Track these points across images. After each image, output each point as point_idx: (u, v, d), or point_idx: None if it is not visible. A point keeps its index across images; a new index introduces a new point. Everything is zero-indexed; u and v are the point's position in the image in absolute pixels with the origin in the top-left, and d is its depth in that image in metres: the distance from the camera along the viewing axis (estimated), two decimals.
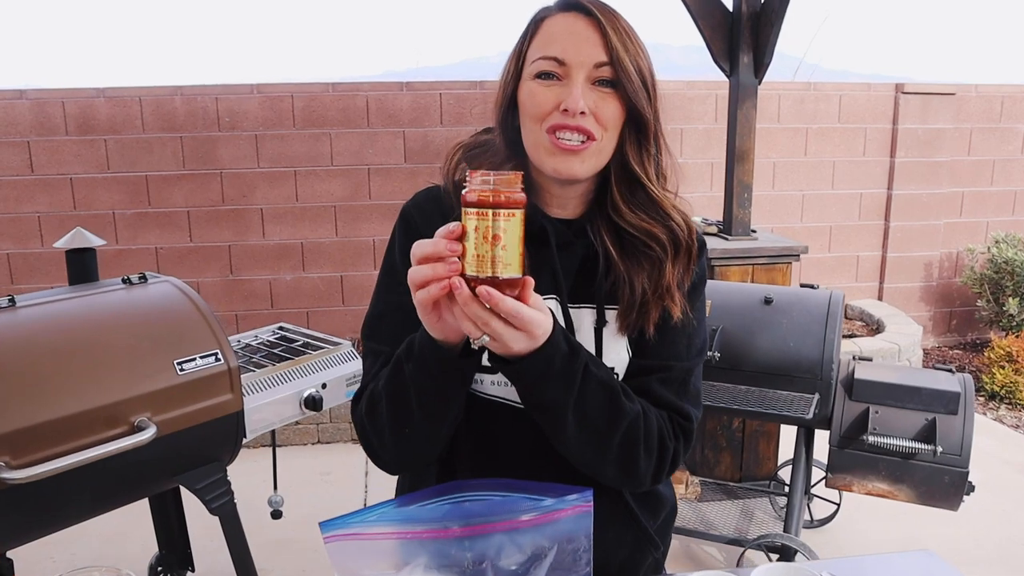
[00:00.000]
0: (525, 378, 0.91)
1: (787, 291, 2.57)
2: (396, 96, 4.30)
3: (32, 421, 1.67)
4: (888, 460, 2.30)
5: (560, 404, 0.93)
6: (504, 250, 0.81)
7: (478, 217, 0.81)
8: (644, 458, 1.00)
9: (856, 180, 4.93)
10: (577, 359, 0.93)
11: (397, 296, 1.06)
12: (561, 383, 0.92)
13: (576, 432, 0.96)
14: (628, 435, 0.98)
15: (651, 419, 1.02)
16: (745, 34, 2.94)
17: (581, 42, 0.98)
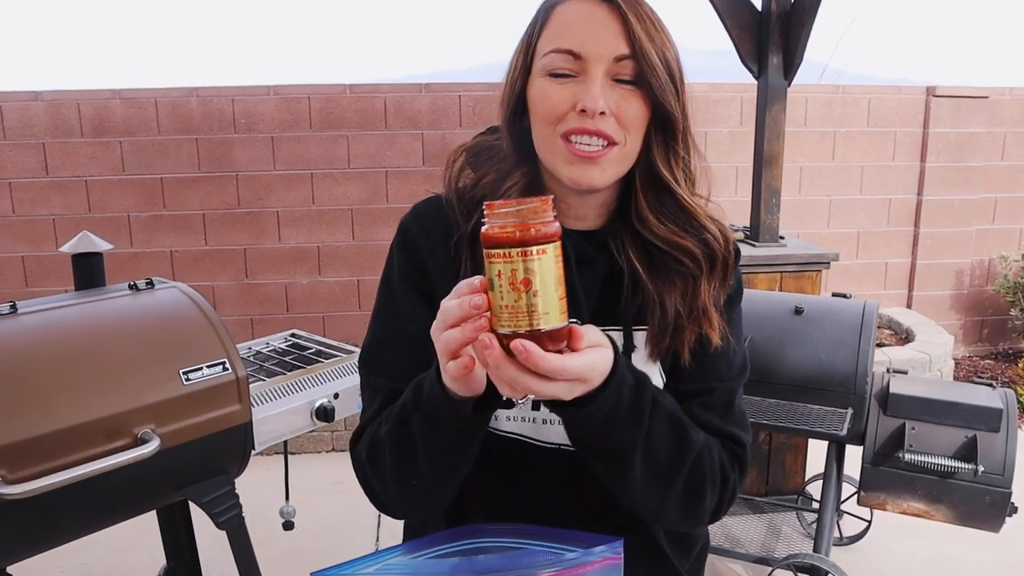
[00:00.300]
0: (587, 424, 0.79)
1: (818, 300, 2.46)
2: (414, 98, 4.23)
3: (30, 433, 1.61)
4: (925, 479, 2.19)
5: (628, 447, 0.82)
6: (538, 296, 0.68)
7: (503, 260, 0.68)
8: (710, 495, 0.90)
9: (885, 185, 4.80)
10: (644, 392, 0.81)
11: (396, 323, 0.98)
12: (629, 423, 0.80)
13: (643, 474, 0.84)
14: (695, 470, 0.88)
15: (713, 449, 0.92)
16: (775, 34, 2.84)
17: (600, 32, 0.85)
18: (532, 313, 0.68)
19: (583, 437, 0.82)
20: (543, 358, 0.69)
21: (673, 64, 0.89)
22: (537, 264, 0.68)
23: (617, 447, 0.81)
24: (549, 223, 0.69)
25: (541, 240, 0.68)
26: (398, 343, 0.96)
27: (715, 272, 0.94)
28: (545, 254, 0.68)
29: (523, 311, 0.68)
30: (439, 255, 0.96)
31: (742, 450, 0.96)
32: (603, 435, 0.80)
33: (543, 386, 0.71)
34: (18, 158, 4.00)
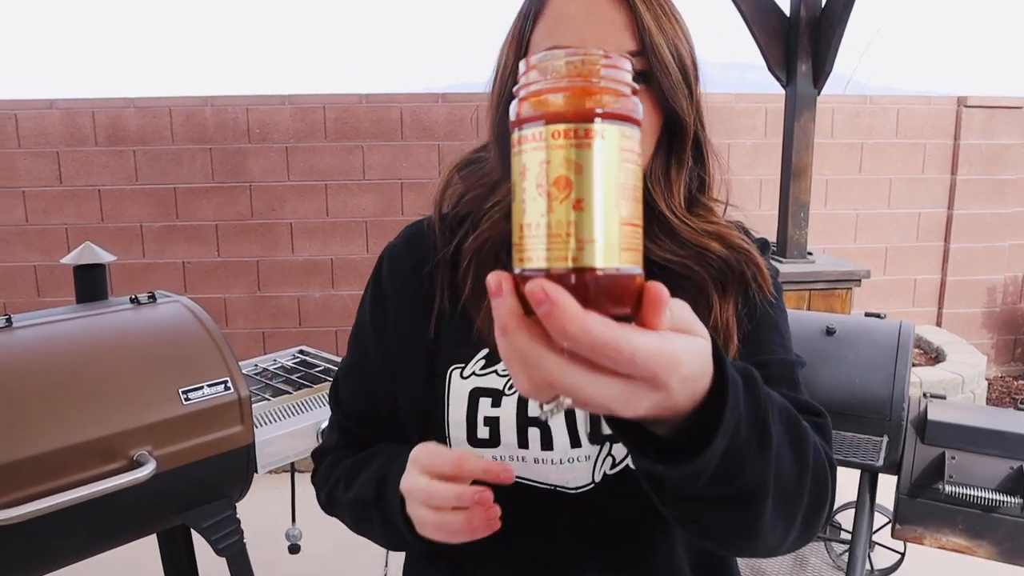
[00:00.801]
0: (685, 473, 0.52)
1: (851, 320, 2.34)
2: (431, 108, 4.16)
3: (20, 454, 1.53)
4: (966, 512, 2.06)
5: (756, 483, 0.56)
6: (585, 210, 0.42)
7: (531, 144, 0.43)
8: (831, 495, 0.69)
9: (914, 199, 4.66)
10: (759, 394, 0.56)
11: (355, 359, 0.92)
12: (756, 449, 0.55)
13: (772, 510, 0.60)
14: (817, 476, 0.65)
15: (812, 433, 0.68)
16: (803, 41, 2.74)
17: (603, 25, 0.74)
18: (570, 238, 0.42)
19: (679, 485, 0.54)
20: (580, 317, 0.41)
21: (687, 59, 0.77)
22: (588, 155, 0.42)
23: (741, 488, 0.56)
24: (620, 92, 0.44)
25: (600, 114, 0.42)
26: (355, 379, 0.93)
27: (729, 291, 0.82)
28: (604, 140, 0.42)
29: (557, 234, 0.42)
30: (407, 289, 0.89)
31: (825, 421, 0.78)
32: (720, 481, 0.54)
33: (579, 379, 0.43)
34: (32, 166, 3.96)
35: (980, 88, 51.49)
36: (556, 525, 0.83)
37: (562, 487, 0.82)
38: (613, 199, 0.42)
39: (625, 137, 0.43)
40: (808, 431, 0.66)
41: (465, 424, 0.81)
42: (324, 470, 0.94)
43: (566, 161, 0.42)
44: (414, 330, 0.86)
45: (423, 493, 0.70)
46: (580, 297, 0.41)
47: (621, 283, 0.43)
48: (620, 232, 0.43)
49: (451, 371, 0.83)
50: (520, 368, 0.44)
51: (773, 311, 0.85)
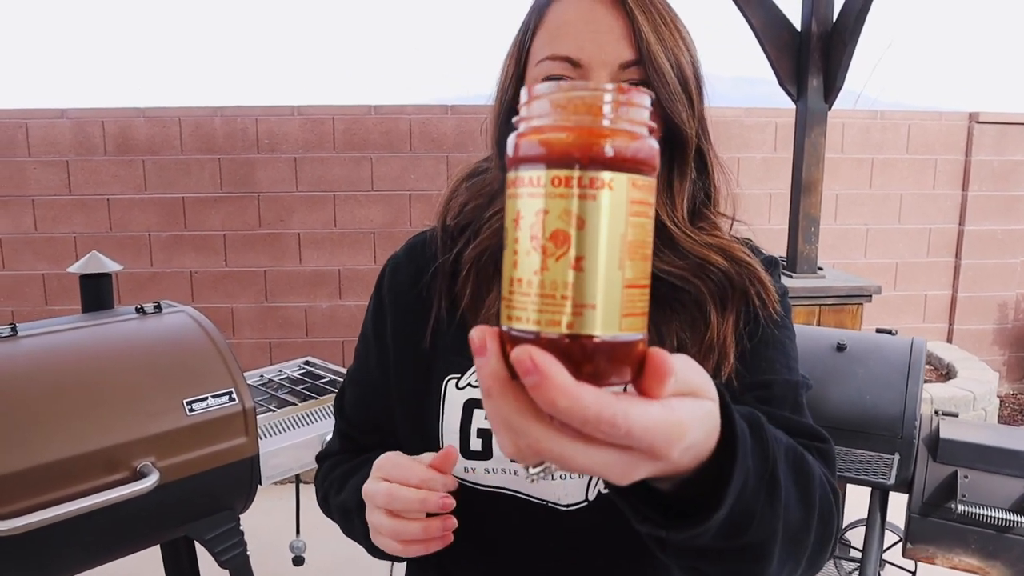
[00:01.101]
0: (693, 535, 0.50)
1: (862, 337, 2.31)
2: (440, 120, 4.16)
3: (22, 465, 1.53)
4: (980, 532, 2.02)
5: (764, 536, 0.54)
6: (585, 270, 0.38)
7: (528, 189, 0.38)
8: (836, 528, 0.67)
9: (925, 214, 4.63)
10: (767, 444, 0.54)
11: (358, 368, 0.94)
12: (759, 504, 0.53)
13: (779, 557, 0.58)
14: (823, 511, 0.64)
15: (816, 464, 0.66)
16: (815, 55, 2.72)
17: (602, 34, 0.73)
18: (566, 302, 0.38)
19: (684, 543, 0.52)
20: (571, 391, 0.37)
21: (687, 69, 0.76)
22: (593, 208, 0.37)
23: (748, 542, 0.54)
24: (634, 135, 0.38)
25: (610, 161, 0.37)
26: (357, 388, 0.94)
27: (730, 306, 0.79)
28: (613, 192, 0.37)
29: (551, 295, 0.38)
30: (406, 299, 0.88)
31: (829, 447, 0.75)
32: (726, 536, 0.52)
33: (569, 449, 0.40)
34: (42, 175, 3.97)
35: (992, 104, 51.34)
36: (547, 542, 0.81)
37: (554, 503, 0.80)
38: (617, 259, 0.38)
39: (636, 187, 0.38)
40: (813, 468, 0.64)
41: (459, 435, 0.81)
42: (323, 473, 0.96)
43: (567, 213, 0.37)
44: (411, 340, 0.86)
45: (383, 496, 0.70)
46: (573, 366, 0.38)
47: (621, 351, 0.39)
48: (623, 296, 0.38)
49: (447, 381, 0.82)
50: (505, 433, 0.41)
51: (778, 330, 0.83)
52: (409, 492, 0.69)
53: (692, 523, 0.48)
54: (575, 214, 0.37)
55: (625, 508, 0.50)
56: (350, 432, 0.96)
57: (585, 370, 0.38)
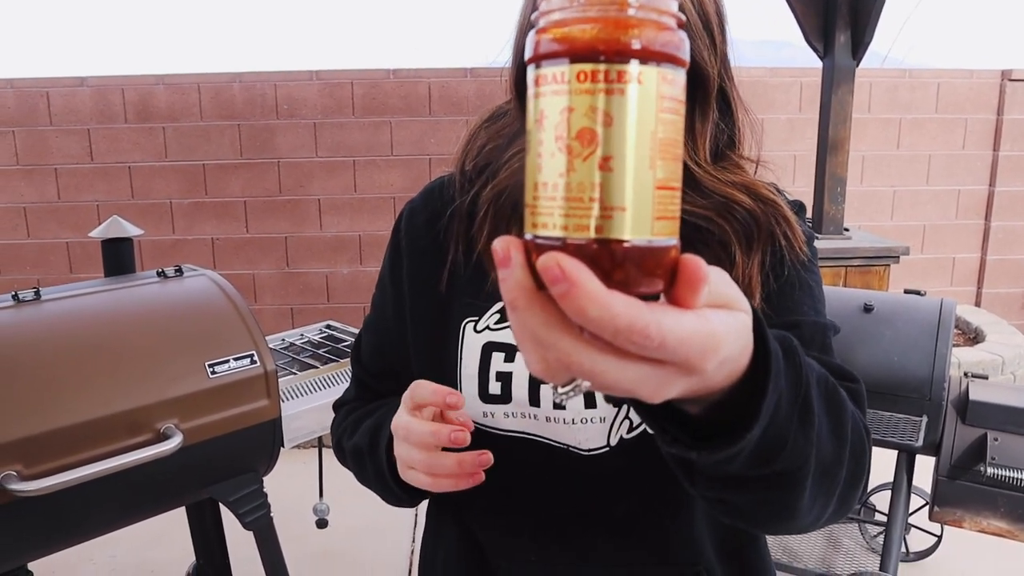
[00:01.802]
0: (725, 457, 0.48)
1: (889, 297, 2.27)
2: (459, 83, 4.11)
3: (47, 427, 1.54)
4: (1009, 495, 2.00)
5: (796, 464, 0.53)
6: (613, 170, 0.36)
7: (552, 87, 0.37)
8: (867, 468, 0.65)
9: (954, 176, 4.53)
10: (800, 367, 0.52)
11: (375, 315, 0.94)
12: (792, 429, 0.51)
13: (810, 488, 0.57)
14: (855, 446, 0.62)
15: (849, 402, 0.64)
16: (843, 10, 2.64)
17: None
18: (595, 204, 0.36)
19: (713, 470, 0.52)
20: (602, 299, 0.35)
21: (709, 7, 0.73)
22: (621, 103, 0.35)
23: (780, 469, 0.52)
24: (663, 25, 0.36)
25: (637, 52, 0.35)
26: (373, 334, 0.94)
27: (755, 246, 0.76)
28: (642, 85, 0.36)
29: (578, 197, 0.36)
30: (421, 243, 0.87)
31: (860, 387, 0.71)
32: (758, 462, 0.50)
33: (600, 363, 0.38)
34: (64, 144, 3.99)
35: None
36: (566, 487, 0.80)
37: (575, 448, 0.79)
38: (648, 158, 0.36)
39: (667, 82, 0.36)
40: (846, 401, 0.62)
41: (477, 379, 0.80)
42: (338, 420, 0.97)
43: (593, 110, 0.35)
44: (427, 284, 0.85)
45: (404, 429, 0.70)
46: (603, 272, 0.36)
47: (653, 257, 0.37)
48: (654, 197, 0.36)
49: (465, 324, 0.81)
50: (532, 348, 0.39)
51: (805, 272, 0.80)
52: (420, 425, 0.70)
53: (724, 444, 0.47)
54: (602, 110, 0.35)
55: (655, 429, 0.48)
56: (366, 379, 0.96)
57: (615, 277, 0.36)
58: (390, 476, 0.78)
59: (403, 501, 0.83)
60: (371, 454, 0.82)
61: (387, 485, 0.80)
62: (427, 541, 0.96)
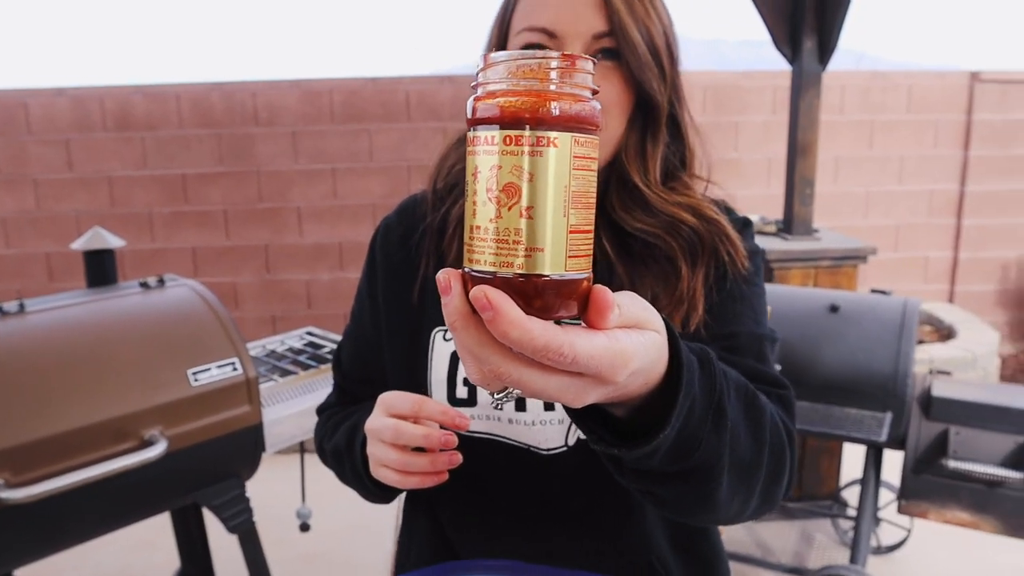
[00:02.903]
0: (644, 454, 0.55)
1: (855, 297, 2.34)
2: (437, 90, 4.15)
3: (34, 436, 1.58)
4: (971, 488, 2.07)
5: (711, 462, 0.59)
6: (534, 218, 0.43)
7: (483, 147, 0.44)
8: (787, 464, 0.73)
9: (926, 175, 4.62)
10: (715, 376, 0.59)
11: (353, 325, 1.00)
12: (711, 429, 0.58)
13: (728, 484, 0.63)
14: (775, 448, 0.69)
15: (772, 407, 0.72)
16: (809, 16, 2.71)
17: (576, 6, 0.78)
18: (518, 246, 0.43)
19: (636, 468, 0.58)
20: (521, 323, 0.42)
21: (658, 39, 0.80)
22: (541, 163, 0.42)
23: (696, 465, 0.59)
24: (578, 97, 0.43)
25: (555, 121, 0.42)
26: (352, 343, 1.00)
27: (700, 262, 0.84)
28: (558, 148, 0.43)
29: (504, 240, 0.43)
30: (395, 259, 0.94)
31: (788, 393, 0.81)
32: (675, 458, 0.57)
33: (525, 375, 0.45)
34: (43, 153, 3.99)
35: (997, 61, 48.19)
36: (529, 484, 0.86)
37: (535, 447, 0.84)
38: (563, 207, 0.43)
39: (579, 144, 0.44)
40: (766, 406, 0.69)
41: (446, 383, 0.86)
42: (320, 423, 1.01)
43: (518, 168, 0.43)
44: (400, 297, 0.91)
45: (391, 431, 0.74)
46: (526, 301, 0.43)
47: (567, 288, 0.45)
48: (568, 240, 0.44)
49: (435, 333, 0.87)
50: (470, 361, 0.46)
51: (746, 286, 0.87)
52: (414, 429, 0.74)
53: (642, 443, 0.53)
54: (526, 169, 0.43)
55: (583, 430, 0.56)
56: (346, 385, 1.01)
57: (535, 305, 0.44)
58: (364, 474, 0.83)
59: (378, 497, 0.89)
60: (348, 453, 0.87)
61: (363, 482, 0.85)
62: (402, 537, 1.01)
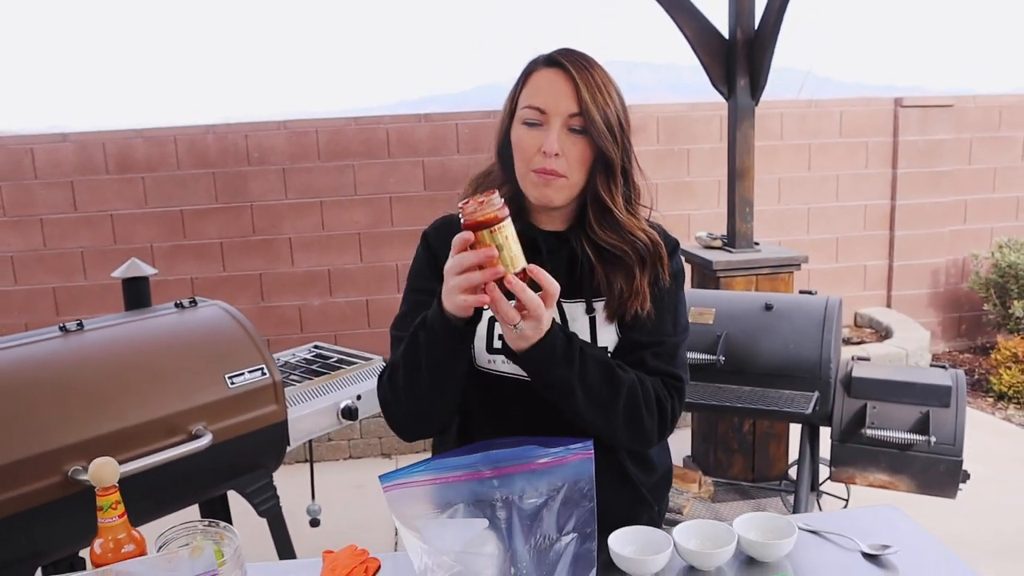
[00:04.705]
0: (535, 364, 1.12)
1: (787, 298, 2.74)
2: (415, 127, 4.53)
3: (101, 431, 1.86)
4: (887, 452, 2.45)
5: (566, 381, 1.14)
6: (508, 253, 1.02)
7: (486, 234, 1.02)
8: (647, 417, 1.21)
9: (860, 192, 5.09)
10: (573, 343, 1.14)
11: (416, 296, 1.31)
12: (564, 363, 1.13)
13: (585, 404, 1.16)
14: (630, 400, 1.19)
15: (647, 384, 1.23)
16: (741, 59, 3.14)
17: (559, 95, 1.18)
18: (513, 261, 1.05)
19: (533, 376, 1.15)
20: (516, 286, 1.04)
21: (613, 119, 1.21)
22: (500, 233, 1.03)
23: (558, 382, 1.14)
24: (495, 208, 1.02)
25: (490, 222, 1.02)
26: (419, 311, 1.27)
27: (647, 267, 1.27)
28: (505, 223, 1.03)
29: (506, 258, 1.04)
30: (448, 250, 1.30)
31: (680, 384, 1.28)
32: (546, 374, 1.14)
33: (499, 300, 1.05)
34: (49, 195, 4.29)
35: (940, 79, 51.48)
36: (539, 406, 1.23)
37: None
38: (513, 245, 1.03)
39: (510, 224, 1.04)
40: (623, 376, 1.20)
41: (485, 337, 1.25)
42: (385, 371, 1.28)
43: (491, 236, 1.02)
44: None
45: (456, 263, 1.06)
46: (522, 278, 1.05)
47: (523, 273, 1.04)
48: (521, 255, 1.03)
49: None
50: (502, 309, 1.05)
51: (669, 296, 1.30)
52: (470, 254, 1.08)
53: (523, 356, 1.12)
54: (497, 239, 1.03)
55: (513, 359, 1.15)
56: None
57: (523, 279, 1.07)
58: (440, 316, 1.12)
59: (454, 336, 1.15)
60: (422, 325, 1.16)
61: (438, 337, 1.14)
62: (436, 447, 1.36)
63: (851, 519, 1.30)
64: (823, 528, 1.26)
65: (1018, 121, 5.16)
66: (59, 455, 1.79)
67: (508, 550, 0.92)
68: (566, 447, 0.95)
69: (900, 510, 1.30)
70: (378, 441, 4.00)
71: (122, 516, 1.06)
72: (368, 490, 3.61)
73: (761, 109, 3.42)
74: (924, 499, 2.46)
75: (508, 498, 0.92)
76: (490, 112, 4.61)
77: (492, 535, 0.92)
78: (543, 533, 0.92)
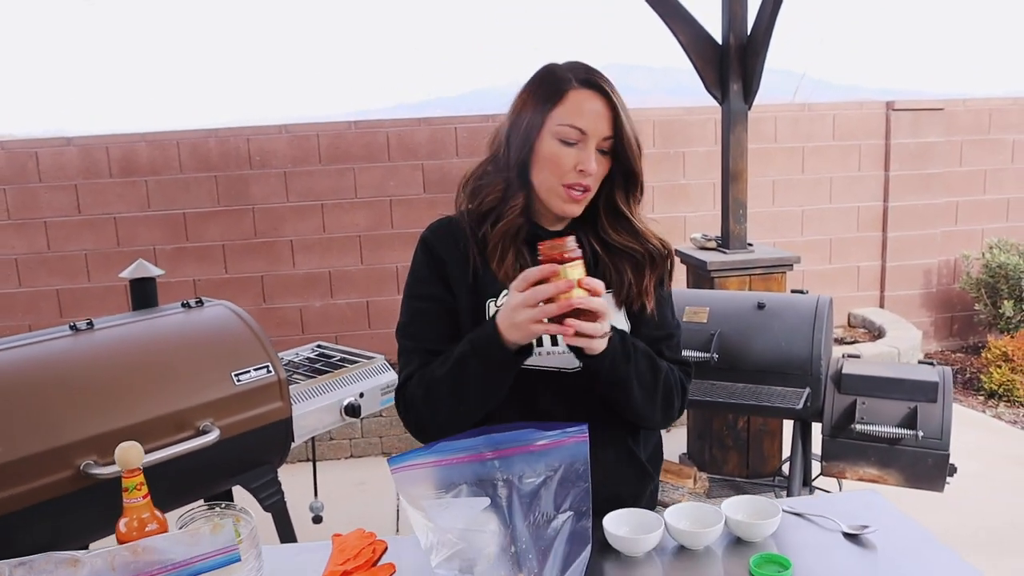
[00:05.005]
0: (606, 365, 1.22)
1: (779, 297, 2.80)
2: (414, 131, 4.60)
3: (112, 426, 1.92)
4: (876, 447, 2.52)
5: (628, 376, 1.25)
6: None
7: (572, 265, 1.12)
8: (676, 399, 1.36)
9: (853, 194, 5.16)
10: (626, 339, 1.26)
11: (427, 303, 1.36)
12: (625, 361, 1.24)
13: (639, 393, 1.28)
14: (666, 385, 1.32)
15: (674, 370, 1.37)
16: (734, 65, 3.21)
17: (599, 119, 1.27)
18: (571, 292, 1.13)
19: (602, 376, 1.24)
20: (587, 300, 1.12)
21: (634, 136, 1.32)
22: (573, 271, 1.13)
23: (622, 379, 1.25)
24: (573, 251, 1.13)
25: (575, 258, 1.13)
26: (430, 317, 1.34)
27: (656, 267, 1.37)
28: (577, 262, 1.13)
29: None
30: (454, 256, 1.35)
31: (690, 369, 1.43)
32: (614, 372, 1.24)
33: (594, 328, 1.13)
34: (53, 198, 4.35)
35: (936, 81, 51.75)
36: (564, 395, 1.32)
37: (564, 368, 1.32)
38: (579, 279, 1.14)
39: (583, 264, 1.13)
40: (661, 364, 1.32)
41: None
42: (416, 379, 1.31)
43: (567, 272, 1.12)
44: (461, 280, 1.33)
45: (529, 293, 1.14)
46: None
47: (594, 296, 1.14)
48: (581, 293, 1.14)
49: (488, 302, 1.32)
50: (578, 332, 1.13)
51: (669, 296, 1.43)
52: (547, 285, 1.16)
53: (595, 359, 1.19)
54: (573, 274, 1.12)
55: (577, 356, 1.22)
56: (426, 347, 1.33)
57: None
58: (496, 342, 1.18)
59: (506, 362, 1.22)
60: (474, 350, 1.22)
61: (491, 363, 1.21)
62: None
63: (833, 502, 1.36)
64: (806, 510, 1.32)
65: (1007, 124, 5.24)
66: (71, 450, 1.84)
67: (508, 528, 0.98)
68: (563, 430, 1.01)
69: (879, 494, 1.37)
70: (379, 440, 4.06)
71: (146, 497, 1.12)
72: (369, 487, 3.67)
73: (755, 112, 3.49)
74: (913, 494, 2.52)
75: (508, 478, 0.98)
76: (488, 116, 4.67)
77: (493, 514, 0.98)
78: (541, 511, 0.98)
